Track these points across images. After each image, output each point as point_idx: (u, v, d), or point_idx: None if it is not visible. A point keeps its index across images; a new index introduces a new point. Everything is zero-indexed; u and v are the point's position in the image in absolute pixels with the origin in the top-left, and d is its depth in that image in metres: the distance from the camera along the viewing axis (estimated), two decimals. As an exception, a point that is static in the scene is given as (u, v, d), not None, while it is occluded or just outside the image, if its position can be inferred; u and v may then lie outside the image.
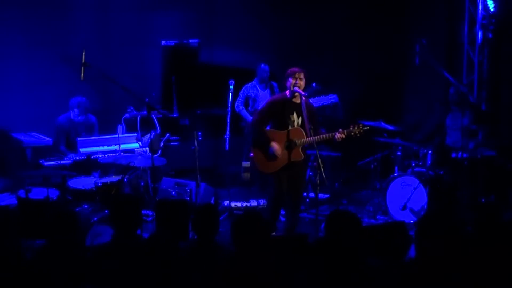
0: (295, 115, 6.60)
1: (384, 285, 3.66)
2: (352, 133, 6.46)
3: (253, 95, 8.97)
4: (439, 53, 9.26)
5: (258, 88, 8.91)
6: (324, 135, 6.45)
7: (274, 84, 9.06)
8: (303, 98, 6.50)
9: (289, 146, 6.57)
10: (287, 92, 6.62)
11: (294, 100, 6.59)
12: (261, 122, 6.68)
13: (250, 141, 7.02)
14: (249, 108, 8.99)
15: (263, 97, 8.77)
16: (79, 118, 8.04)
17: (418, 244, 3.67)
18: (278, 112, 6.61)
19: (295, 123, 6.60)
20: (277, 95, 7.23)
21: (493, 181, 7.87)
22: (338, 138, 6.42)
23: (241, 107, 8.94)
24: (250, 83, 8.75)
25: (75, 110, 8.00)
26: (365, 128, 6.51)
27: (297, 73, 6.51)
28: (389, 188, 7.80)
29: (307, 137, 6.48)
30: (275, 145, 6.53)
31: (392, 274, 3.74)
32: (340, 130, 6.44)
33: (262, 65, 8.94)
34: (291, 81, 6.51)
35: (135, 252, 4.10)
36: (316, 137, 6.38)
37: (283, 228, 6.90)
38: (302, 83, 6.52)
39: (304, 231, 6.75)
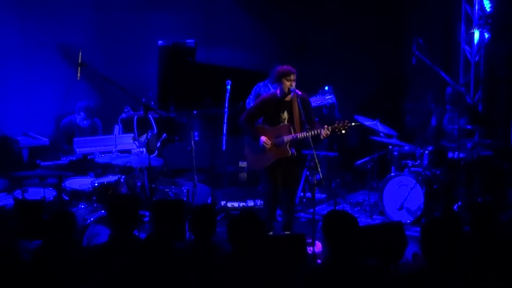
0: (285, 113, 6.67)
1: (381, 285, 3.66)
2: (337, 129, 6.48)
3: (264, 94, 8.96)
4: (436, 53, 9.26)
5: (270, 87, 8.91)
6: (310, 132, 6.46)
7: None
8: (299, 95, 6.51)
9: (277, 142, 6.61)
10: (278, 91, 6.66)
11: (285, 99, 6.64)
12: (249, 119, 6.76)
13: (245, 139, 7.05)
14: None
15: None
16: (85, 122, 8.04)
17: (425, 246, 3.67)
18: (269, 111, 6.70)
19: (286, 121, 6.66)
20: (267, 94, 7.26)
21: (489, 181, 7.88)
22: (323, 134, 6.44)
23: (251, 104, 8.93)
24: (262, 82, 8.72)
25: (82, 114, 7.99)
26: (350, 124, 6.52)
27: (290, 75, 6.54)
28: (385, 188, 7.80)
29: (294, 133, 6.53)
30: (263, 137, 6.61)
31: (389, 274, 3.75)
32: (326, 126, 6.47)
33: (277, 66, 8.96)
34: (286, 83, 6.55)
35: (132, 253, 4.09)
36: (302, 133, 6.45)
37: (280, 227, 6.93)
38: (294, 84, 6.58)
39: (301, 231, 6.75)
